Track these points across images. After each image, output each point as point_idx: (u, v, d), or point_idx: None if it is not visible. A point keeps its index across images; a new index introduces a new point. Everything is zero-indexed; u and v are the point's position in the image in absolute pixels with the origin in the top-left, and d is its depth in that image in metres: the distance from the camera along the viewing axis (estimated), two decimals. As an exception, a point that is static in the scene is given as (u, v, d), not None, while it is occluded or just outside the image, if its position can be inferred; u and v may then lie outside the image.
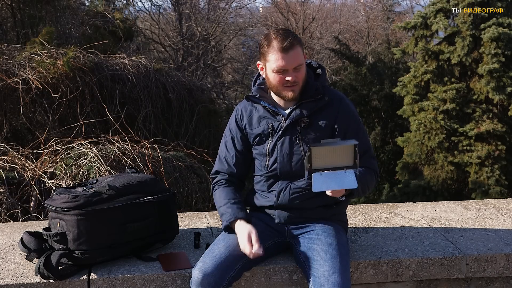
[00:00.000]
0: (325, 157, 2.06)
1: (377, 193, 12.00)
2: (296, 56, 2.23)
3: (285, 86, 2.26)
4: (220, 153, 2.47)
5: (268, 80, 2.31)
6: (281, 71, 2.23)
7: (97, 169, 3.89)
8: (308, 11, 19.77)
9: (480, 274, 2.47)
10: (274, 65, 2.23)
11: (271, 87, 2.32)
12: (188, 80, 6.98)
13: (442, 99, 10.65)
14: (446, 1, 10.98)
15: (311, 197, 2.29)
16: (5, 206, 3.73)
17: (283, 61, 2.21)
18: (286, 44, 2.20)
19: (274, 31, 2.29)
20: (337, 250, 2.20)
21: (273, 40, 2.23)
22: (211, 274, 2.10)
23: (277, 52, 2.22)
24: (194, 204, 4.53)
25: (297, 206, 2.33)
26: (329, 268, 2.12)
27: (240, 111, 2.44)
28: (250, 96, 2.41)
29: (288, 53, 2.21)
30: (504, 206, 3.16)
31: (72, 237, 2.24)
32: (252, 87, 2.44)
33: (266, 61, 2.27)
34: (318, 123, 2.30)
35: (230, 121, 2.48)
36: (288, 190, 2.32)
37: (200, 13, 16.39)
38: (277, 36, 2.24)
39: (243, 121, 2.42)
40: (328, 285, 2.08)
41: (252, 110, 2.40)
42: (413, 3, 23.03)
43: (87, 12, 7.85)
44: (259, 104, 2.38)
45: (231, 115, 2.48)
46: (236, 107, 2.48)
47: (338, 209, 2.40)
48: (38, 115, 5.32)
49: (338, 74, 14.83)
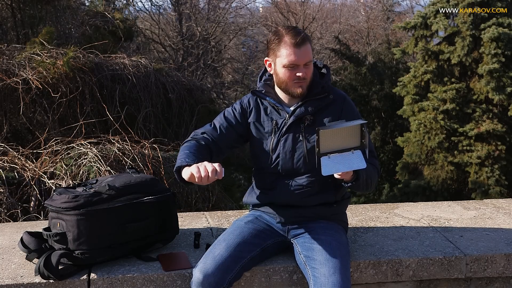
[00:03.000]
0: (333, 140, 2.06)
1: (377, 193, 12.00)
2: (307, 52, 2.24)
3: (294, 82, 2.26)
4: (215, 121, 2.41)
5: (277, 76, 2.31)
6: (292, 66, 2.24)
7: (97, 169, 3.89)
8: (308, 11, 19.77)
9: (480, 274, 2.47)
10: (286, 60, 2.23)
11: (280, 83, 2.32)
12: (188, 80, 6.97)
13: (442, 99, 10.66)
14: (446, 1, 10.99)
15: (312, 194, 2.31)
16: (5, 206, 3.73)
17: (295, 56, 2.22)
18: (299, 40, 2.21)
19: (284, 28, 2.29)
20: (337, 250, 2.20)
21: (284, 36, 2.24)
22: (212, 275, 2.11)
23: (289, 47, 2.22)
24: (194, 204, 4.53)
25: (298, 204, 2.33)
26: (329, 268, 2.12)
27: (246, 104, 2.42)
28: (256, 91, 2.40)
29: (300, 48, 2.22)
30: (504, 206, 3.16)
31: (72, 237, 2.24)
32: (258, 82, 2.43)
33: (277, 56, 2.26)
34: (322, 121, 2.31)
35: (235, 106, 2.43)
36: (289, 187, 2.32)
37: (200, 13, 16.39)
38: (288, 32, 2.24)
39: (250, 115, 2.40)
40: (328, 285, 2.08)
41: (259, 106, 2.40)
42: (413, 3, 23.06)
43: (87, 12, 7.85)
44: (265, 99, 2.38)
45: (236, 104, 2.44)
46: (243, 100, 2.45)
47: (338, 209, 2.41)
48: (38, 115, 5.32)
49: (338, 74, 14.82)
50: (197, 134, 2.36)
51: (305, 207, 2.34)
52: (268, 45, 2.32)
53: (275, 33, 2.29)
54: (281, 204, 2.36)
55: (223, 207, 4.77)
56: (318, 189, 2.33)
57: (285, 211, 2.35)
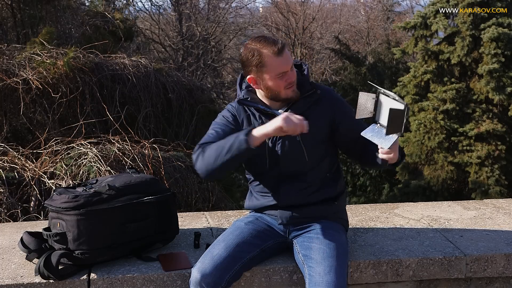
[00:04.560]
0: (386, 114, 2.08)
1: (377, 193, 12.01)
2: (289, 55, 2.23)
3: (286, 88, 2.24)
4: (213, 130, 2.28)
5: (267, 89, 2.25)
6: (281, 74, 2.21)
7: (97, 169, 3.89)
8: (308, 11, 19.78)
9: (480, 274, 2.47)
10: (276, 71, 2.19)
11: (271, 93, 2.26)
12: (188, 80, 6.98)
13: (442, 99, 10.66)
14: (446, 1, 10.99)
15: (314, 191, 2.32)
16: (5, 206, 3.73)
17: (283, 64, 2.19)
18: (279, 47, 2.18)
19: (255, 42, 2.21)
20: (334, 250, 2.20)
21: (263, 49, 2.18)
22: (210, 275, 2.10)
23: (274, 58, 2.18)
24: (194, 204, 4.53)
25: (302, 203, 2.32)
26: (325, 267, 2.12)
27: (235, 113, 2.33)
28: (243, 100, 2.32)
29: (283, 55, 2.20)
30: (504, 206, 3.16)
31: (72, 237, 2.24)
32: (240, 90, 2.35)
33: (264, 72, 2.20)
34: (314, 118, 2.28)
35: (225, 114, 2.33)
36: (292, 188, 2.32)
37: (200, 13, 16.41)
38: (264, 44, 2.19)
39: (243, 124, 2.32)
40: (322, 283, 2.08)
41: (247, 114, 2.32)
42: (413, 3, 23.07)
43: (87, 12, 7.86)
44: (252, 107, 2.31)
45: (223, 113, 2.34)
46: (228, 110, 2.35)
47: (339, 206, 2.41)
48: (38, 115, 5.32)
49: (338, 74, 14.84)
50: (205, 143, 2.22)
51: (309, 205, 2.33)
52: (247, 63, 2.23)
53: (250, 50, 2.20)
54: (285, 205, 2.34)
55: (223, 207, 4.77)
56: (319, 185, 2.33)
57: (288, 212, 2.34)
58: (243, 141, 2.07)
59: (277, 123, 2.05)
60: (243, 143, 2.07)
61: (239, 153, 2.09)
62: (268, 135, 2.09)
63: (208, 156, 2.15)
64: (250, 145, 2.06)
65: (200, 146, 2.21)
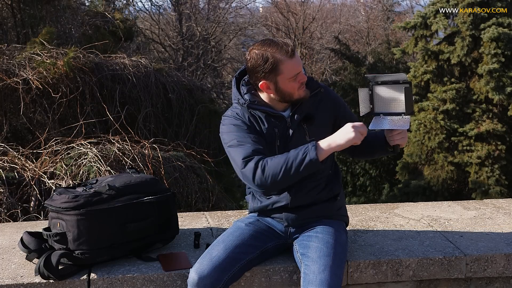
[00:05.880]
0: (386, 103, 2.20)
1: (377, 193, 12.01)
2: (298, 56, 2.24)
3: (299, 89, 2.25)
4: (242, 140, 2.21)
5: (280, 92, 2.23)
6: (296, 75, 2.21)
7: (97, 169, 3.89)
8: (308, 11, 19.78)
9: (480, 274, 2.47)
10: (291, 73, 2.19)
11: (283, 96, 2.24)
12: (188, 80, 6.98)
13: (442, 99, 10.66)
14: (446, 1, 10.99)
15: (322, 189, 2.33)
16: (5, 206, 3.73)
17: (296, 66, 2.20)
18: (291, 47, 2.19)
19: (265, 46, 2.20)
20: (331, 248, 2.19)
21: (276, 53, 2.17)
22: (208, 276, 2.09)
23: (288, 61, 2.18)
24: (194, 204, 4.53)
25: (312, 202, 2.32)
26: (320, 265, 2.11)
27: (243, 118, 2.29)
28: (251, 104, 2.28)
29: (295, 56, 2.21)
30: (504, 206, 3.16)
31: (72, 237, 2.24)
32: (243, 95, 2.31)
33: (278, 75, 2.19)
34: (321, 117, 2.31)
35: (235, 122, 2.27)
36: (303, 187, 2.30)
37: (200, 13, 16.41)
38: (277, 48, 2.18)
39: (254, 129, 2.27)
40: (315, 282, 2.07)
41: (255, 117, 2.29)
42: (413, 3, 23.08)
43: (87, 12, 7.87)
44: (259, 110, 2.28)
45: (232, 120, 2.29)
46: (234, 115, 2.30)
47: (341, 202, 2.42)
48: (38, 115, 5.32)
49: (338, 74, 14.84)
50: (252, 156, 2.17)
51: (315, 204, 2.33)
52: (258, 69, 2.20)
53: (261, 56, 2.18)
54: (294, 206, 2.32)
55: (223, 207, 4.77)
56: (326, 182, 2.34)
57: (292, 214, 2.32)
58: (314, 158, 2.12)
59: (349, 136, 2.13)
60: (314, 158, 2.12)
61: (309, 169, 2.15)
62: (342, 147, 2.16)
63: (273, 173, 2.14)
64: (319, 159, 2.13)
65: (250, 160, 2.16)
